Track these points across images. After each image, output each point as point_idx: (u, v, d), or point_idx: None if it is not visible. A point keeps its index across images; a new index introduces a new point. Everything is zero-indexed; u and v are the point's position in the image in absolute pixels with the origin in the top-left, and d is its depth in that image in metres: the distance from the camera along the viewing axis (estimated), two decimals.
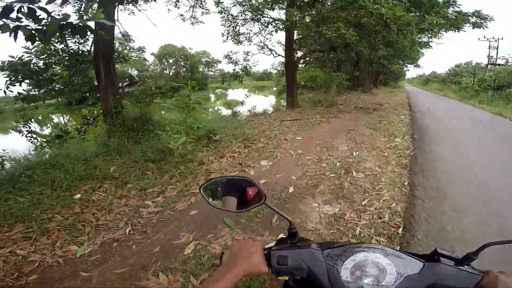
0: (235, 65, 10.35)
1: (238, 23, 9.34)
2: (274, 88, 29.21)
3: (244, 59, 10.35)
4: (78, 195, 3.08)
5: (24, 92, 6.30)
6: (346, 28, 6.82)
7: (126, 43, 38.63)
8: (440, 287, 0.56)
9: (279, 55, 10.24)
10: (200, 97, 4.50)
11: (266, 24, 9.44)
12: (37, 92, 6.72)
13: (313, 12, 8.07)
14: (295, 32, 9.34)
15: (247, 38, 10.13)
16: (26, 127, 5.19)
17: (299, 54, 11.27)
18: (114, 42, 6.89)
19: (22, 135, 5.25)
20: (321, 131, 6.22)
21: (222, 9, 8.83)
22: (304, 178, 3.57)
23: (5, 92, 5.39)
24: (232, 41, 9.47)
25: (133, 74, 38.47)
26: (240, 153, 4.53)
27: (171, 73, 39.09)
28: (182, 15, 9.49)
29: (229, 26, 9.30)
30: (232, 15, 9.08)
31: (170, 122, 6.04)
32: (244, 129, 5.75)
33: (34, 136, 5.20)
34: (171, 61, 39.54)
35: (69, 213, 2.79)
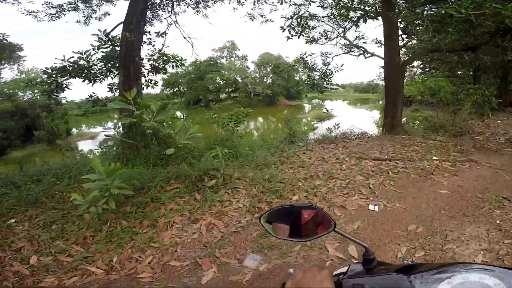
0: (310, 71, 8.06)
1: (303, 12, 6.74)
2: (380, 102, 24.34)
3: (323, 63, 7.87)
4: (13, 220, 2.63)
5: (95, 94, 6.34)
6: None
7: (232, 51, 42.06)
8: None
9: (372, 54, 7.22)
10: (170, 115, 2.80)
11: (355, 19, 6.62)
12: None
13: None
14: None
15: (323, 35, 7.60)
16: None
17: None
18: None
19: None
20: (431, 194, 3.21)
21: None
22: None
23: (50, 95, 5.32)
24: (298, 36, 7.06)
25: (238, 80, 41.99)
26: (229, 222, 2.50)
27: (268, 81, 39.89)
28: (250, 14, 8.02)
29: (292, 17, 6.90)
30: (296, 3, 6.64)
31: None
32: (279, 171, 3.57)
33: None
34: (268, 69, 40.28)
35: None
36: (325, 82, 8.61)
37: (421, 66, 21.08)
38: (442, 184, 3.42)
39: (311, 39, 7.50)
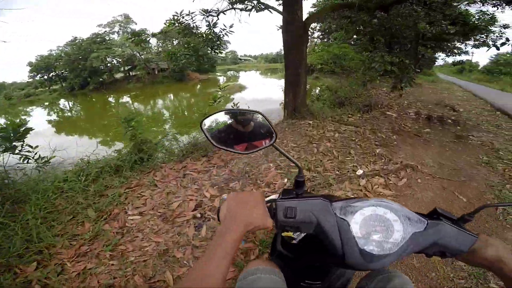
0: (188, 36, 5.60)
1: None
2: None
3: (209, 25, 5.45)
4: None
5: None
6: None
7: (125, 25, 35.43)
8: (441, 245, 0.54)
9: (266, 7, 5.14)
10: None
11: None
12: None
13: None
14: None
15: None
16: None
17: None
18: None
19: None
20: None
21: None
22: None
23: None
24: None
25: (136, 56, 35.87)
26: None
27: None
28: None
29: None
30: None
31: None
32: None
33: None
34: (175, 43, 35.43)
35: None
36: (212, 51, 6.23)
37: (321, 36, 20.76)
38: None
39: None
